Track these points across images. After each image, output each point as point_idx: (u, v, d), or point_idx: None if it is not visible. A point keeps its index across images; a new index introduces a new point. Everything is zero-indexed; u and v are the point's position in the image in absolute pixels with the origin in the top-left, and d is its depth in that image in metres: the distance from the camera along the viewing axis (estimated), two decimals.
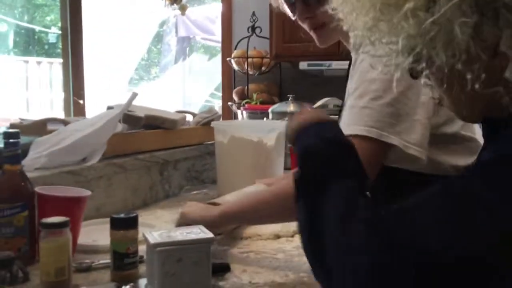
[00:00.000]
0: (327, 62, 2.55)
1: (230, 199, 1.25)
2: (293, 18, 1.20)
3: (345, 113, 1.06)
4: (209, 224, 1.01)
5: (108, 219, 0.96)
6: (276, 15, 2.67)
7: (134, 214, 0.96)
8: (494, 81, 0.63)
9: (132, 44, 7.01)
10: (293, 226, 1.21)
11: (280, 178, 1.58)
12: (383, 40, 0.68)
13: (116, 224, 0.94)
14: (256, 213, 1.08)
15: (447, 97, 0.73)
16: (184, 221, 1.11)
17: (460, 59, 0.63)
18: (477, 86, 0.63)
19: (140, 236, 0.95)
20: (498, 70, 0.63)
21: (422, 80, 0.74)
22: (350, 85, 1.09)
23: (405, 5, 0.63)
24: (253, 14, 2.97)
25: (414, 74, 0.70)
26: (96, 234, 1.15)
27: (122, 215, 0.95)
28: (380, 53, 0.70)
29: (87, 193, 1.08)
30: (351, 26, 0.71)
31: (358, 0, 0.68)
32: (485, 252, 0.52)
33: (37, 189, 1.03)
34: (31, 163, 1.25)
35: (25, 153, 1.29)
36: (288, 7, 1.18)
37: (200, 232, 0.92)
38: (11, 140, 0.98)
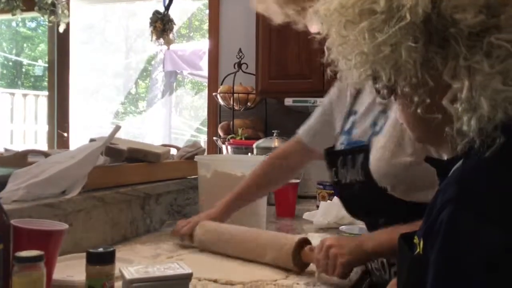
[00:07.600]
0: (312, 99, 2.57)
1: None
2: None
3: None
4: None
5: (85, 254, 0.93)
6: (262, 52, 2.71)
7: (111, 249, 0.94)
8: (437, 108, 0.65)
9: (120, 78, 7.04)
10: None
11: None
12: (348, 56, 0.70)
13: (92, 259, 0.91)
14: None
15: (400, 116, 0.76)
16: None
17: (410, 82, 0.65)
18: (419, 110, 0.66)
19: (116, 271, 0.93)
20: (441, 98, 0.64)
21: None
22: None
23: (361, 23, 0.65)
24: (240, 50, 3.00)
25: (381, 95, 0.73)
26: (72, 269, 1.12)
27: (98, 250, 0.93)
28: (342, 68, 0.72)
29: (64, 226, 1.06)
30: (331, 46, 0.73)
31: (328, 16, 0.71)
32: None
33: (13, 221, 1.00)
34: (9, 195, 1.23)
35: (3, 185, 1.27)
36: None
37: (178, 268, 0.90)
38: None
